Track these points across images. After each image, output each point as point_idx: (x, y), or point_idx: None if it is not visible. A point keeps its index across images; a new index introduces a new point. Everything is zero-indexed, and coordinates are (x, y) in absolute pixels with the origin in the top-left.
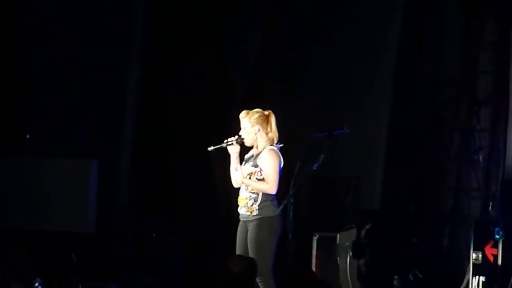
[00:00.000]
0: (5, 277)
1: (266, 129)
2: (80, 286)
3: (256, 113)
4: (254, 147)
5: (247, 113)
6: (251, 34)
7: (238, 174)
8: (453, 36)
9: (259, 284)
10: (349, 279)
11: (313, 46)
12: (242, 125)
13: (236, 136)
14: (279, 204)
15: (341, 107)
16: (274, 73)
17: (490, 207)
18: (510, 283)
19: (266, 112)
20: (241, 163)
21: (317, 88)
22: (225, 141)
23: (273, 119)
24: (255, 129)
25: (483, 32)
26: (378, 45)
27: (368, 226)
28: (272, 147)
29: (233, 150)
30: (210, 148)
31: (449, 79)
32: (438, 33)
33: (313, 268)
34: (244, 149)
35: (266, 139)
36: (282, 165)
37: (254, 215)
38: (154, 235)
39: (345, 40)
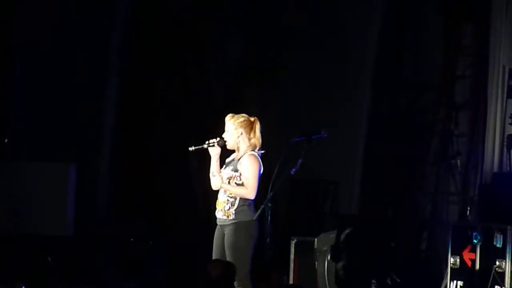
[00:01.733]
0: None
1: (249, 134)
2: None
3: (241, 117)
4: (236, 151)
5: (232, 116)
6: (232, 37)
7: (216, 178)
8: (432, 41)
9: None
10: (327, 283)
11: (291, 50)
12: (226, 127)
13: (218, 138)
14: (256, 208)
15: (319, 111)
16: (253, 77)
17: (468, 211)
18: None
19: (252, 118)
20: (221, 167)
21: (295, 93)
22: (207, 142)
23: (257, 125)
24: (238, 132)
25: (461, 36)
26: (357, 49)
27: (346, 231)
28: (252, 152)
29: (214, 151)
30: (191, 148)
31: (428, 84)
32: (417, 38)
33: (291, 273)
34: (226, 153)
35: (249, 144)
36: (262, 171)
37: (230, 219)
38: (132, 239)
39: (323, 44)
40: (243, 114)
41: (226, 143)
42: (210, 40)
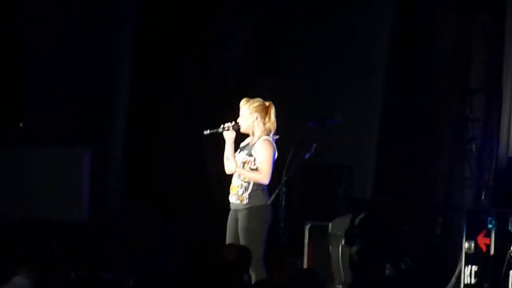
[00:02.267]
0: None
1: (264, 118)
2: (72, 275)
3: (256, 101)
4: (250, 135)
5: (248, 101)
6: (245, 23)
7: (230, 162)
8: (446, 26)
9: (250, 273)
10: (341, 268)
11: (306, 35)
12: (241, 112)
13: (233, 122)
14: (270, 193)
15: (333, 96)
16: (267, 63)
17: (483, 196)
18: (503, 272)
19: (267, 103)
20: (235, 151)
21: (309, 78)
22: (222, 126)
23: (272, 110)
24: (253, 116)
25: (476, 21)
26: (370, 35)
27: (360, 215)
28: (267, 137)
29: (229, 136)
30: (206, 132)
31: (442, 68)
32: (431, 23)
33: (305, 257)
34: (240, 138)
35: (263, 129)
36: (276, 156)
37: (244, 204)
38: (146, 224)
39: (337, 30)
40: (258, 99)
41: (241, 128)
42: (224, 26)
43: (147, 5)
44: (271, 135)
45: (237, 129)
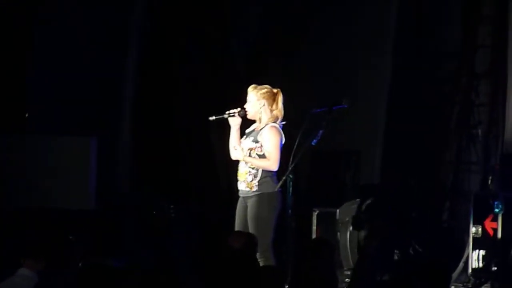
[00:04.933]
0: (15, 255)
1: (272, 105)
2: (80, 263)
3: (264, 88)
4: (257, 121)
5: (255, 87)
6: (253, 8)
7: (238, 152)
8: (452, 10)
9: (259, 260)
10: (349, 254)
11: (314, 20)
12: (248, 97)
13: (239, 108)
14: (278, 180)
15: (340, 82)
16: (274, 48)
17: (489, 180)
18: (510, 256)
19: (275, 90)
20: (241, 137)
21: (317, 64)
22: (227, 112)
23: (280, 97)
24: (260, 103)
25: (481, 5)
26: (378, 19)
27: (368, 201)
28: (274, 124)
29: (235, 122)
30: (212, 118)
31: (448, 53)
32: (437, 7)
33: None
34: (246, 124)
35: (270, 115)
36: (283, 142)
37: (253, 191)
38: (154, 212)
39: (345, 14)
40: (266, 86)
41: (247, 113)
42: (232, 11)
43: None
44: (278, 122)
45: (243, 115)
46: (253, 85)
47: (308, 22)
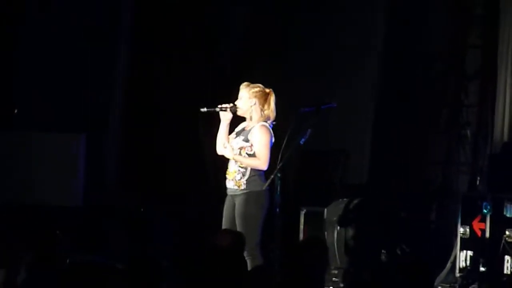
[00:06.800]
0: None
1: (263, 105)
2: (67, 260)
3: (257, 87)
4: (247, 120)
5: (248, 85)
6: (240, 7)
7: (227, 150)
8: (442, 10)
9: (246, 259)
10: (336, 253)
11: (301, 20)
12: (240, 94)
13: (231, 104)
14: (266, 178)
15: (329, 81)
16: (262, 48)
17: (478, 181)
18: (498, 257)
19: (267, 90)
20: (229, 133)
21: (305, 62)
22: (219, 106)
23: (272, 97)
24: (252, 101)
25: (472, 5)
26: (366, 18)
27: (356, 201)
28: (264, 123)
29: (225, 117)
30: (203, 110)
31: (438, 54)
32: (427, 7)
33: None
34: (235, 122)
35: (261, 115)
36: (273, 142)
37: (241, 189)
38: (142, 209)
39: (333, 14)
40: (259, 85)
41: (238, 110)
42: (219, 9)
43: None
44: (269, 122)
45: (234, 111)
46: (246, 83)
47: (296, 22)
